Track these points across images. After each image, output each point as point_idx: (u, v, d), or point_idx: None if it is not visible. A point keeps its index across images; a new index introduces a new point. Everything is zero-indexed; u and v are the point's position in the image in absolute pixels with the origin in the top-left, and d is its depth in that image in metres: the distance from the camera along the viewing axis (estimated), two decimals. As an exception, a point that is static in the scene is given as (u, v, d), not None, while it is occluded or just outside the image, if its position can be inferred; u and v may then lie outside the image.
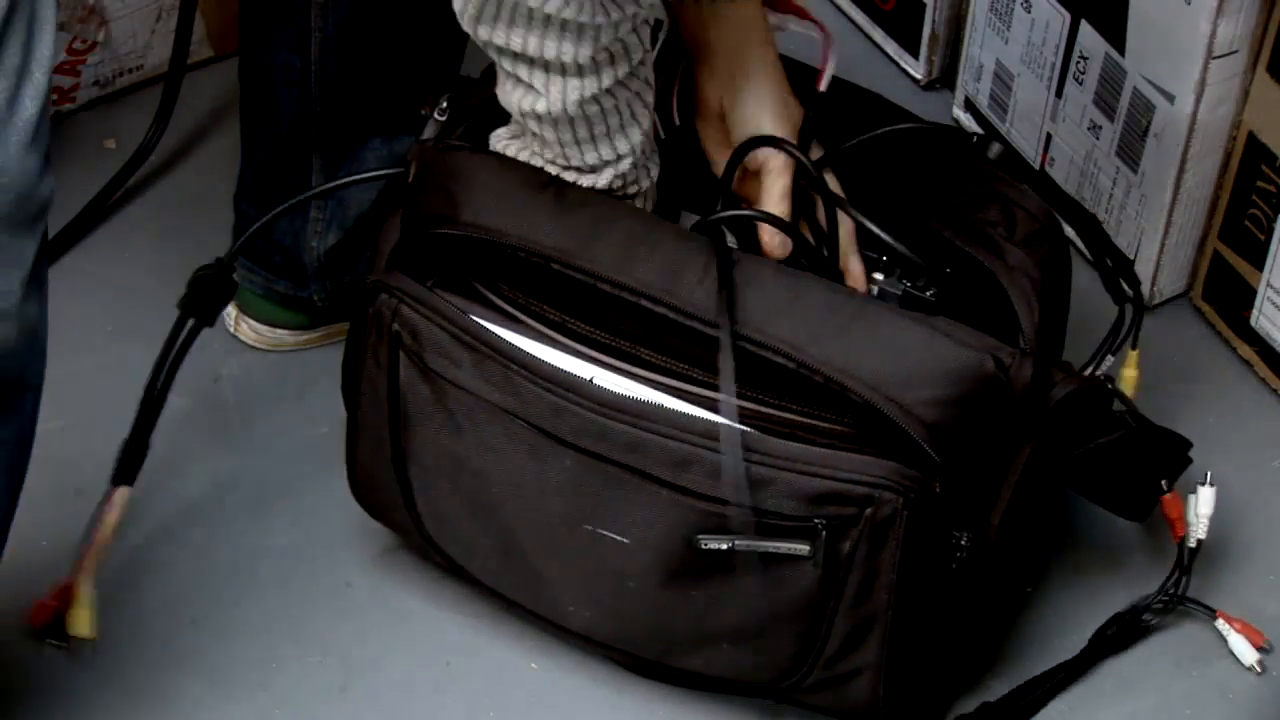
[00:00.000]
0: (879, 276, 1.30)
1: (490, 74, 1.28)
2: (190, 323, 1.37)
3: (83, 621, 1.31)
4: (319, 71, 1.43)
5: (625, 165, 1.26)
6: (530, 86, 1.21)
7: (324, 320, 1.54)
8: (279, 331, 1.55)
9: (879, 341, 1.21)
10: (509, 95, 1.23)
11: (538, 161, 1.27)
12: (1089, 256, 1.31)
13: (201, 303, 1.37)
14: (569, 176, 1.27)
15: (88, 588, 1.32)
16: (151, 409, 1.38)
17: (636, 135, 1.25)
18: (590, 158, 1.25)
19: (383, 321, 1.29)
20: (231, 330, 1.53)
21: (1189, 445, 1.36)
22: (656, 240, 1.25)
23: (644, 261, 1.24)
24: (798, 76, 1.32)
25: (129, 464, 1.37)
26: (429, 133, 1.32)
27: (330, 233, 1.49)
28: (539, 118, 1.22)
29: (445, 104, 1.30)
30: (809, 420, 1.23)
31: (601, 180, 1.26)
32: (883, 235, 1.28)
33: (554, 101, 1.20)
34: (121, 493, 1.36)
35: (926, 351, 1.21)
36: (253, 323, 1.55)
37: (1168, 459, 1.36)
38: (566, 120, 1.22)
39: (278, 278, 1.51)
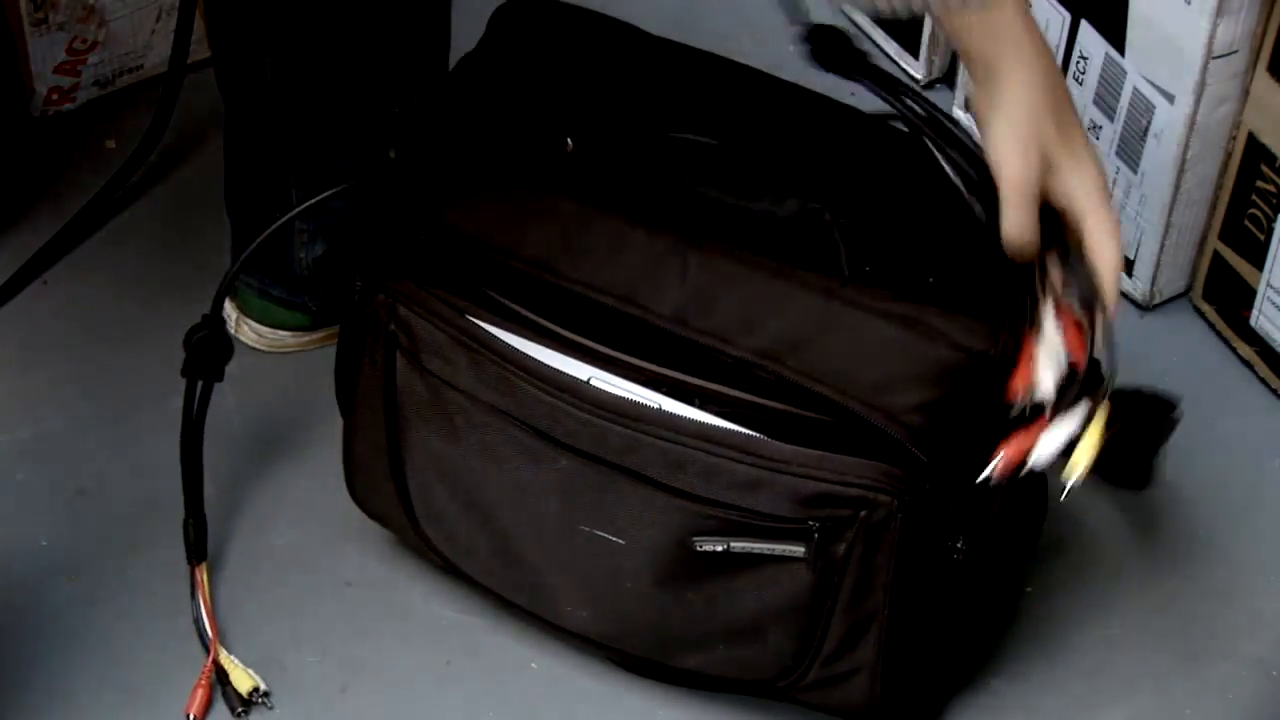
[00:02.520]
0: None
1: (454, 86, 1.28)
2: (200, 384, 1.39)
3: (244, 680, 1.36)
4: (277, 109, 1.43)
5: None
6: None
7: (324, 322, 1.54)
8: (280, 333, 1.55)
9: (858, 347, 1.21)
10: None
11: None
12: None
13: (204, 363, 1.38)
14: None
15: (225, 655, 1.38)
16: (194, 480, 1.41)
17: None
18: None
19: (378, 322, 1.29)
20: (232, 332, 1.53)
21: (1174, 406, 1.31)
22: (632, 243, 1.24)
23: (621, 267, 1.24)
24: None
25: (196, 542, 1.41)
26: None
27: (316, 243, 1.49)
28: None
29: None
30: (801, 413, 1.23)
31: None
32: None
33: None
34: (201, 569, 1.40)
35: (906, 355, 1.20)
36: (254, 324, 1.54)
37: (1155, 422, 1.34)
38: None
39: (273, 282, 1.52)
